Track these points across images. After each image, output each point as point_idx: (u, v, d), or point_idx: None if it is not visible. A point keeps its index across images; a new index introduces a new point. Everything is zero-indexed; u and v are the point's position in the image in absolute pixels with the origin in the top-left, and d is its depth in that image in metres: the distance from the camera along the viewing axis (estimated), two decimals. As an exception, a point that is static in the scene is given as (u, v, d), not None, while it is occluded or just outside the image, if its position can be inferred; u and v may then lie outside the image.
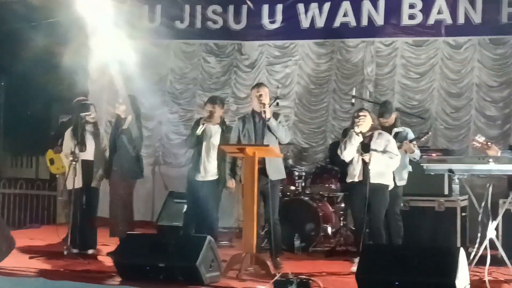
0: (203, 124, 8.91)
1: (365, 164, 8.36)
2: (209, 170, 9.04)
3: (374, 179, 8.34)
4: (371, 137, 8.52)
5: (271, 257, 8.50)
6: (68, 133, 9.34)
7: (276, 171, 8.68)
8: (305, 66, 12.90)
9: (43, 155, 15.67)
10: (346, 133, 10.48)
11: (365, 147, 8.46)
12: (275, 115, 8.72)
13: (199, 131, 8.89)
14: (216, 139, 9.04)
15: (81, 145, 9.15)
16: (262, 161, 8.47)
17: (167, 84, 13.59)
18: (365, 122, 8.47)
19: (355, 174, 8.47)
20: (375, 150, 8.39)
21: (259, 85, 8.99)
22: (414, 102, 12.22)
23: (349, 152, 8.49)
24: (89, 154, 9.28)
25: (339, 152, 8.60)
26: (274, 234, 8.50)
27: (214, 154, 9.05)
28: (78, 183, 9.07)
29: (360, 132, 8.44)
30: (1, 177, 15.21)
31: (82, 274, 7.86)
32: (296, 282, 6.90)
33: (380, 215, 8.46)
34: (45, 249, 9.54)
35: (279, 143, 8.80)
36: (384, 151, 8.40)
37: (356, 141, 8.44)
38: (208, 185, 9.02)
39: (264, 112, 8.51)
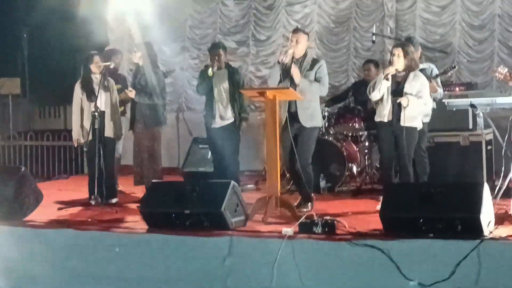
0: (212, 67, 8.95)
1: (397, 106, 8.08)
2: (224, 114, 9.12)
3: (405, 122, 8.07)
4: (405, 78, 8.17)
5: (301, 201, 8.51)
6: (77, 86, 9.30)
7: (308, 117, 8.44)
8: (324, 4, 12.76)
9: (70, 105, 15.79)
10: (368, 67, 10.53)
11: (398, 88, 8.15)
12: (315, 61, 8.51)
13: (210, 72, 8.93)
14: (225, 83, 9.09)
15: (89, 97, 9.13)
16: (294, 106, 8.38)
17: (187, 30, 13.55)
18: (399, 62, 8.12)
19: (384, 114, 8.22)
20: (410, 94, 8.08)
21: (294, 30, 8.72)
22: (436, 36, 12.06)
23: (376, 94, 8.18)
24: (100, 105, 9.18)
25: (370, 91, 8.28)
26: (300, 180, 8.48)
27: (226, 98, 9.11)
28: (91, 135, 9.06)
29: (396, 70, 8.10)
30: (29, 129, 15.35)
31: (110, 223, 7.92)
32: (321, 223, 6.88)
33: (407, 155, 8.26)
34: (74, 200, 9.63)
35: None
36: (417, 96, 8.10)
37: (383, 85, 8.10)
38: (226, 130, 9.12)
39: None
